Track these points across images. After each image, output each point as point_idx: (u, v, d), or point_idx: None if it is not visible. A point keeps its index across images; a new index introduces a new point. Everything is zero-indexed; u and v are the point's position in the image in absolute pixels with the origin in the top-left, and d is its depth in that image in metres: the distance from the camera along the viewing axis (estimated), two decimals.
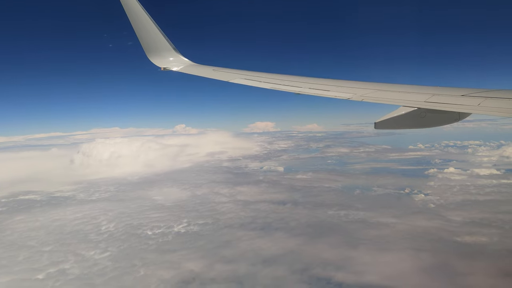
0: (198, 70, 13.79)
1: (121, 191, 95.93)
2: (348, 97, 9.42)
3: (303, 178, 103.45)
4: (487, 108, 7.24)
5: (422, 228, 56.62)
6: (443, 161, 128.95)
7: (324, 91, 10.11)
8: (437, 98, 8.29)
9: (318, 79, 11.41)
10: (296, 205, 73.16)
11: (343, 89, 10.13)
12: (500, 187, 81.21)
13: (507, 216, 59.12)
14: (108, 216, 70.18)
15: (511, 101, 7.31)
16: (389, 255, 48.26)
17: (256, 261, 48.57)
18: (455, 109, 7.78)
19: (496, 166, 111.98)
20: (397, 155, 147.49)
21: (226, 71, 13.35)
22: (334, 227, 59.95)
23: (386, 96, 9.20)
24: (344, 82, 10.87)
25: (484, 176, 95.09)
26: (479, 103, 7.51)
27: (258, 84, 11.55)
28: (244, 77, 12.23)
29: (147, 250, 53.87)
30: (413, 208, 68.55)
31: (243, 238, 56.67)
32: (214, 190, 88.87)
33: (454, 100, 8.07)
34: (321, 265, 46.86)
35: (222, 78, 12.58)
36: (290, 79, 11.65)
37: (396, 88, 9.75)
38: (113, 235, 60.40)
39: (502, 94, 7.79)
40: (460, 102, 7.89)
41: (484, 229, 54.68)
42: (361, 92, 9.58)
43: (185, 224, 64.13)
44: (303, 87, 10.65)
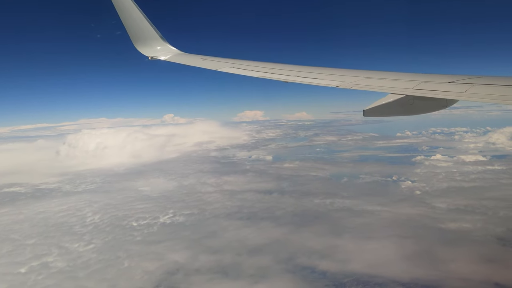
0: (186, 59, 13.72)
1: (107, 182, 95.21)
2: (336, 85, 9.42)
3: (290, 167, 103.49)
4: (474, 95, 7.31)
5: (406, 216, 56.95)
6: (430, 148, 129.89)
7: (313, 79, 10.13)
8: (425, 85, 8.34)
9: (306, 67, 11.39)
10: (283, 194, 73.19)
11: (332, 77, 10.13)
12: (485, 173, 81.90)
13: (491, 203, 59.63)
14: (93, 208, 69.59)
15: (498, 87, 7.39)
16: (373, 243, 48.47)
17: (241, 251, 48.48)
18: (443, 96, 7.86)
19: (482, 153, 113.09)
20: (384, 143, 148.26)
21: (214, 60, 13.24)
22: (320, 215, 60.05)
23: (375, 83, 9.23)
24: (333, 70, 10.85)
25: (469, 162, 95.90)
26: (466, 89, 7.58)
27: (247, 73, 11.52)
28: (233, 66, 12.19)
29: (132, 242, 53.52)
30: (398, 196, 68.90)
31: (229, 228, 56.56)
32: (201, 180, 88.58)
33: (441, 87, 8.13)
34: (306, 254, 46.91)
35: (210, 67, 12.53)
36: (278, 68, 11.60)
37: (384, 76, 9.78)
38: (98, 227, 59.92)
39: (488, 80, 7.86)
40: (448, 89, 7.97)
41: (468, 216, 55.11)
42: (350, 79, 9.59)
43: (170, 215, 63.81)
44: (292, 75, 10.61)
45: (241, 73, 11.64)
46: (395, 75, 9.63)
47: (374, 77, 9.73)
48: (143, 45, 14.00)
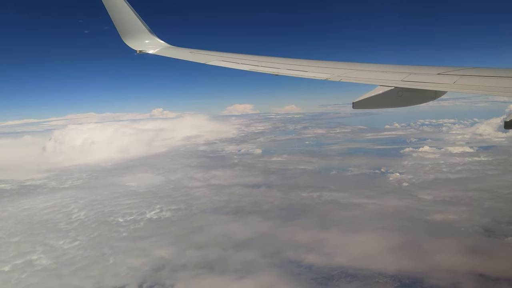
0: (175, 53, 13.61)
1: (94, 178, 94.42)
2: (326, 78, 9.43)
3: (278, 160, 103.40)
4: (462, 86, 7.36)
5: (393, 208, 57.10)
6: (418, 140, 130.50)
7: (302, 72, 10.12)
8: (414, 77, 8.33)
9: (296, 59, 11.35)
10: (270, 188, 73.07)
11: (321, 69, 10.14)
12: (471, 165, 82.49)
13: (476, 194, 60.03)
14: (79, 204, 68.96)
15: (485, 78, 7.46)
16: (359, 235, 48.50)
17: (228, 246, 48.30)
18: (432, 88, 7.91)
19: (469, 144, 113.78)
20: (372, 135, 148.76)
21: (203, 53, 13.12)
22: (307, 209, 60.04)
23: (364, 76, 9.25)
24: (322, 62, 10.84)
25: (456, 154, 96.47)
26: (454, 81, 7.63)
27: (236, 66, 11.48)
28: (222, 59, 12.11)
29: (118, 238, 53.11)
30: (386, 188, 69.10)
31: (216, 223, 56.32)
32: (189, 174, 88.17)
33: (430, 78, 8.14)
34: (293, 248, 46.84)
35: (199, 60, 12.45)
36: (268, 60, 11.54)
37: (373, 68, 9.82)
38: (83, 224, 59.37)
39: (476, 72, 7.90)
40: (436, 81, 8.00)
41: (454, 207, 55.40)
42: (339, 72, 9.57)
43: (157, 210, 63.41)
44: (281, 68, 10.60)
45: (230, 66, 11.60)
46: (384, 67, 9.65)
47: (363, 70, 9.77)
48: (131, 38, 13.85)
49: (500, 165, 79.78)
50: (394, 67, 9.44)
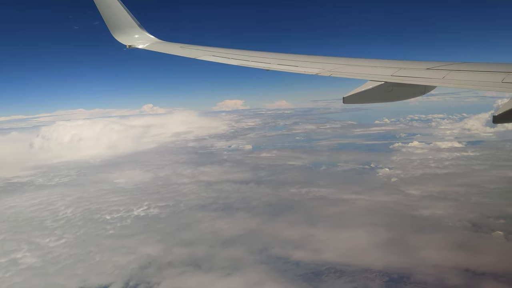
0: (165, 48, 13.57)
1: (82, 175, 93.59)
2: (316, 73, 9.44)
3: (267, 156, 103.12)
4: (451, 81, 7.44)
5: (381, 203, 57.19)
6: (408, 135, 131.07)
7: (293, 67, 10.13)
8: (404, 72, 8.38)
9: (287, 54, 11.38)
10: (259, 184, 72.88)
11: (312, 64, 10.15)
12: (459, 160, 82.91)
13: (463, 189, 60.32)
14: (66, 202, 68.26)
15: (474, 73, 7.54)
16: (347, 231, 48.51)
17: (215, 243, 48.07)
18: (421, 82, 7.95)
19: (458, 139, 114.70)
20: (362, 131, 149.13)
21: (194, 48, 13.07)
22: (295, 205, 59.95)
23: (354, 70, 9.27)
24: (313, 57, 10.84)
25: (444, 149, 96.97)
26: (443, 76, 7.69)
27: (227, 61, 11.44)
28: (213, 54, 12.09)
29: (104, 236, 52.64)
30: (374, 184, 69.21)
31: (204, 220, 56.06)
32: (177, 171, 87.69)
33: (419, 73, 8.19)
34: (280, 244, 46.71)
35: (190, 55, 12.42)
36: (259, 55, 11.55)
37: (363, 63, 9.83)
38: (70, 221, 58.79)
39: (465, 67, 7.96)
40: (426, 76, 8.05)
41: (441, 203, 55.60)
42: (330, 67, 9.58)
43: (145, 207, 62.98)
44: (272, 63, 10.58)
45: (221, 61, 11.52)
46: (374, 62, 9.69)
47: (353, 64, 9.76)
48: (120, 33, 13.75)
49: (487, 160, 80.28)
50: (384, 62, 9.50)
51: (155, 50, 13.49)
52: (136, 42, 13.78)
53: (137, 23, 14.05)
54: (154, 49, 13.54)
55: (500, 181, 62.88)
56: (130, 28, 13.84)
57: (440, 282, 37.57)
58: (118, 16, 13.43)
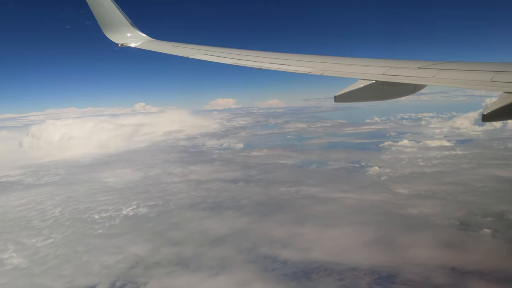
0: (157, 46, 13.63)
1: (72, 174, 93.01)
2: (308, 71, 9.53)
3: (257, 155, 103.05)
4: (441, 80, 7.53)
5: (369, 202, 57.42)
6: (398, 134, 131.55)
7: (285, 66, 10.20)
8: (394, 71, 8.48)
9: (279, 53, 11.42)
10: (249, 183, 72.86)
11: (304, 63, 10.23)
12: (447, 158, 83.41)
13: (451, 187, 60.71)
14: (54, 201, 67.84)
15: (463, 72, 7.64)
16: (335, 230, 48.67)
17: (204, 242, 48.04)
18: (412, 81, 8.04)
19: (447, 138, 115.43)
20: (352, 129, 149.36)
21: (186, 46, 13.14)
22: (284, 204, 60.04)
23: (345, 69, 9.34)
24: (305, 56, 10.92)
25: (433, 148, 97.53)
26: (434, 75, 7.78)
27: (219, 60, 11.49)
28: (205, 53, 12.13)
29: (92, 235, 52.42)
30: (363, 182, 69.46)
31: (192, 219, 56.01)
32: (167, 170, 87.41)
33: (410, 72, 8.29)
34: (268, 243, 46.77)
35: (182, 54, 12.45)
36: (251, 54, 11.61)
37: (355, 62, 9.89)
38: (58, 221, 58.44)
39: (454, 66, 8.07)
40: (416, 75, 8.14)
41: (428, 201, 55.92)
42: (321, 66, 9.67)
43: (134, 206, 62.78)
44: (264, 62, 10.66)
45: (213, 60, 11.58)
46: (365, 61, 9.74)
47: (345, 63, 9.83)
48: (113, 32, 13.80)
49: (475, 158, 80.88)
50: (375, 61, 9.56)
51: (148, 48, 13.55)
52: (128, 41, 13.84)
53: (129, 21, 14.10)
54: (146, 48, 13.60)
55: (487, 179, 63.37)
56: (122, 26, 13.88)
57: (427, 280, 37.83)
58: (110, 14, 13.46)
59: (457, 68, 7.91)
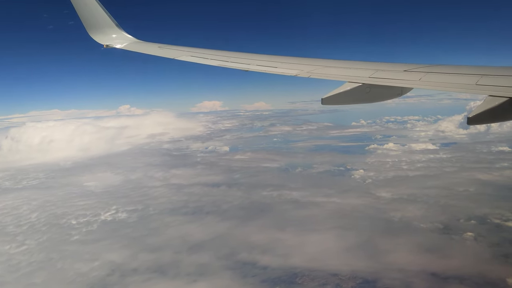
0: (143, 47, 13.51)
1: (51, 177, 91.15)
2: (295, 74, 9.50)
3: (241, 158, 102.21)
4: (427, 83, 7.58)
5: (351, 206, 57.00)
6: (384, 137, 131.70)
7: (272, 68, 10.19)
8: (381, 74, 8.50)
9: (266, 55, 11.38)
10: (231, 187, 71.99)
11: (291, 65, 10.19)
12: (430, 162, 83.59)
13: (433, 191, 60.60)
14: (31, 206, 66.23)
15: (449, 75, 7.68)
16: (315, 235, 48.12)
17: (182, 248, 47.13)
18: (398, 84, 8.05)
19: (432, 141, 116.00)
20: (338, 132, 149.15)
21: (172, 48, 12.97)
22: (266, 208, 59.35)
23: (332, 72, 9.35)
24: (292, 58, 10.90)
25: (417, 151, 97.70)
26: (420, 78, 7.82)
27: (206, 61, 11.42)
28: (191, 54, 12.05)
29: (68, 242, 51.17)
30: (346, 186, 69.05)
31: (172, 224, 55.02)
32: (149, 174, 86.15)
33: (397, 75, 8.32)
34: (248, 249, 46.07)
35: (168, 55, 12.34)
36: (238, 56, 11.53)
37: (341, 64, 9.90)
38: (33, 227, 56.99)
39: (440, 69, 8.13)
40: (403, 77, 8.16)
41: (410, 205, 55.69)
42: (308, 68, 9.67)
43: (113, 211, 61.56)
44: (251, 64, 10.63)
45: (199, 61, 11.52)
46: (352, 64, 9.75)
47: (332, 66, 9.83)
48: (98, 33, 13.64)
49: (458, 162, 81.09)
50: (362, 64, 9.56)
51: (133, 50, 13.41)
52: (114, 42, 13.68)
53: (115, 22, 13.93)
54: (132, 49, 13.47)
55: (469, 183, 63.38)
56: (107, 27, 13.73)
57: (406, 286, 37.44)
58: (95, 15, 13.30)
59: (443, 72, 7.95)
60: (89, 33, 13.61)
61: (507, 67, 7.65)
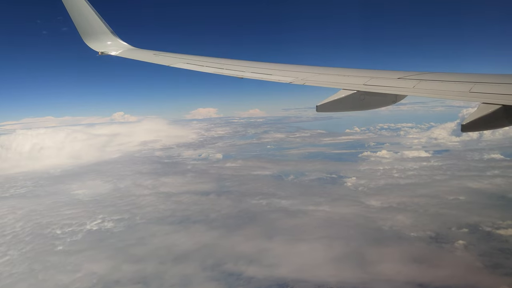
0: (138, 55, 13.45)
1: (39, 186, 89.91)
2: (290, 81, 9.52)
3: (232, 166, 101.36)
4: (421, 90, 7.58)
5: (340, 215, 56.37)
6: (377, 144, 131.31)
7: (267, 75, 10.17)
8: (375, 81, 8.50)
9: (261, 63, 11.32)
10: (220, 196, 71.16)
11: (286, 73, 10.20)
12: (421, 170, 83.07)
13: (423, 200, 60.11)
14: (16, 215, 65.14)
15: (443, 83, 7.66)
16: (303, 245, 47.44)
17: (167, 259, 46.31)
18: (392, 92, 8.05)
19: (425, 148, 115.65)
20: (331, 140, 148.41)
21: (167, 55, 12.91)
22: (254, 217, 58.62)
23: (327, 79, 9.36)
24: (287, 66, 10.92)
25: (409, 159, 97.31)
26: (414, 85, 7.82)
27: (201, 69, 11.38)
28: (186, 62, 11.98)
29: (51, 252, 50.16)
30: (335, 194, 68.40)
31: (158, 234, 54.15)
32: (138, 182, 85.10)
33: (391, 83, 8.33)
34: (234, 259, 45.32)
35: (163, 62, 12.29)
36: (232, 63, 11.51)
37: (336, 72, 9.87)
38: (17, 237, 55.92)
39: (434, 76, 8.13)
40: (397, 85, 8.17)
41: (400, 214, 55.10)
42: (303, 75, 9.68)
43: (99, 220, 60.62)
44: (246, 71, 10.59)
45: (195, 69, 11.46)
46: (347, 71, 9.72)
47: (326, 73, 9.86)
48: (93, 40, 13.56)
49: (448, 170, 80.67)
50: (357, 71, 9.57)
51: (128, 57, 13.35)
52: (109, 49, 13.59)
53: (110, 29, 13.87)
54: (127, 56, 13.39)
55: (459, 191, 62.93)
56: (102, 34, 13.67)
57: None
58: (90, 22, 13.23)
59: (437, 79, 7.97)
60: (84, 40, 13.54)
61: (500, 74, 7.66)
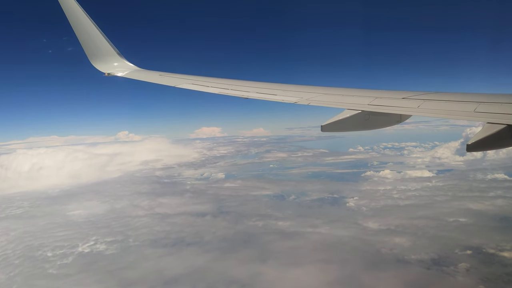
0: (143, 75, 13.66)
1: (36, 206, 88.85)
2: (295, 101, 9.59)
3: (230, 186, 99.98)
4: (425, 110, 7.60)
5: (337, 238, 55.01)
6: (380, 164, 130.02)
7: (271, 95, 10.26)
8: (380, 101, 8.52)
9: (265, 83, 11.43)
10: (216, 217, 69.90)
11: (290, 93, 10.27)
12: (422, 190, 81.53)
13: (421, 222, 58.63)
14: (9, 237, 64.16)
15: (446, 103, 7.69)
16: (297, 269, 46.10)
17: (157, 283, 45.15)
18: (397, 112, 8.11)
19: (428, 167, 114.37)
20: (334, 159, 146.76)
21: (173, 76, 13.09)
22: (249, 239, 57.43)
23: (331, 99, 9.40)
24: (291, 86, 10.99)
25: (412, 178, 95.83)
26: (418, 105, 7.86)
27: (206, 89, 11.52)
28: (192, 82, 12.14)
29: (40, 276, 49.10)
30: (333, 216, 67.00)
31: (150, 257, 52.97)
32: (134, 202, 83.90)
33: (395, 103, 8.36)
34: (226, 284, 44.09)
35: (169, 83, 12.44)
36: (237, 84, 11.62)
37: (340, 92, 9.91)
38: (7, 259, 54.88)
39: (439, 96, 8.16)
40: (402, 105, 8.20)
41: (397, 237, 53.72)
42: (307, 96, 9.74)
43: (92, 242, 59.53)
44: (251, 92, 10.69)
45: (200, 89, 11.60)
46: (351, 91, 9.75)
47: (331, 93, 9.90)
48: (99, 61, 13.77)
49: (450, 190, 79.09)
50: (361, 91, 9.59)
51: (134, 78, 13.50)
52: (115, 70, 13.76)
53: (116, 51, 14.06)
54: (133, 77, 13.56)
55: (459, 213, 61.39)
56: (109, 56, 13.86)
57: None
58: (97, 44, 13.43)
59: (441, 99, 8.00)
60: (91, 62, 13.70)
61: (505, 94, 7.63)
